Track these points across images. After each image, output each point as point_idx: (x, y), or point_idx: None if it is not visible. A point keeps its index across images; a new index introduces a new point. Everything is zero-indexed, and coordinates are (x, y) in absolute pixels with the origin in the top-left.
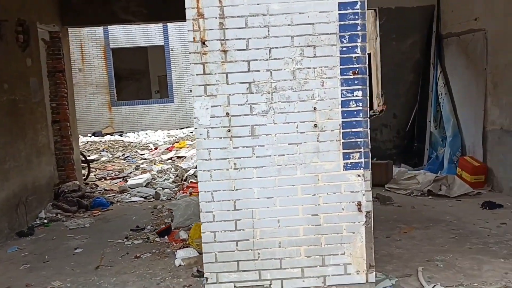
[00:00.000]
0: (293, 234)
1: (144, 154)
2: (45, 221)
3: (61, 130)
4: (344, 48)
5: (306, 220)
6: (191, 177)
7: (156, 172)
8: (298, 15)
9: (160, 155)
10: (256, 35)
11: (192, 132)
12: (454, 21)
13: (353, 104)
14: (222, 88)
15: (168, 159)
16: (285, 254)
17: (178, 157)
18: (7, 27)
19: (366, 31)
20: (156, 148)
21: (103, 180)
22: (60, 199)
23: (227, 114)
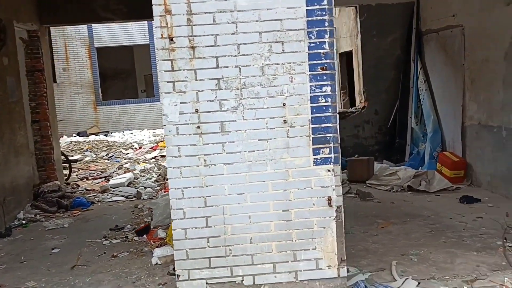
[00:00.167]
0: (264, 230)
1: (128, 154)
2: (24, 222)
3: (41, 130)
4: (312, 44)
5: (277, 216)
6: None
7: (139, 172)
8: (266, 11)
9: (144, 155)
10: (224, 31)
11: None
12: (433, 18)
13: (322, 100)
14: (191, 85)
15: (152, 158)
16: (257, 250)
17: (162, 156)
18: None
19: (334, 27)
20: (141, 148)
21: (85, 180)
22: (40, 200)
23: (197, 111)
